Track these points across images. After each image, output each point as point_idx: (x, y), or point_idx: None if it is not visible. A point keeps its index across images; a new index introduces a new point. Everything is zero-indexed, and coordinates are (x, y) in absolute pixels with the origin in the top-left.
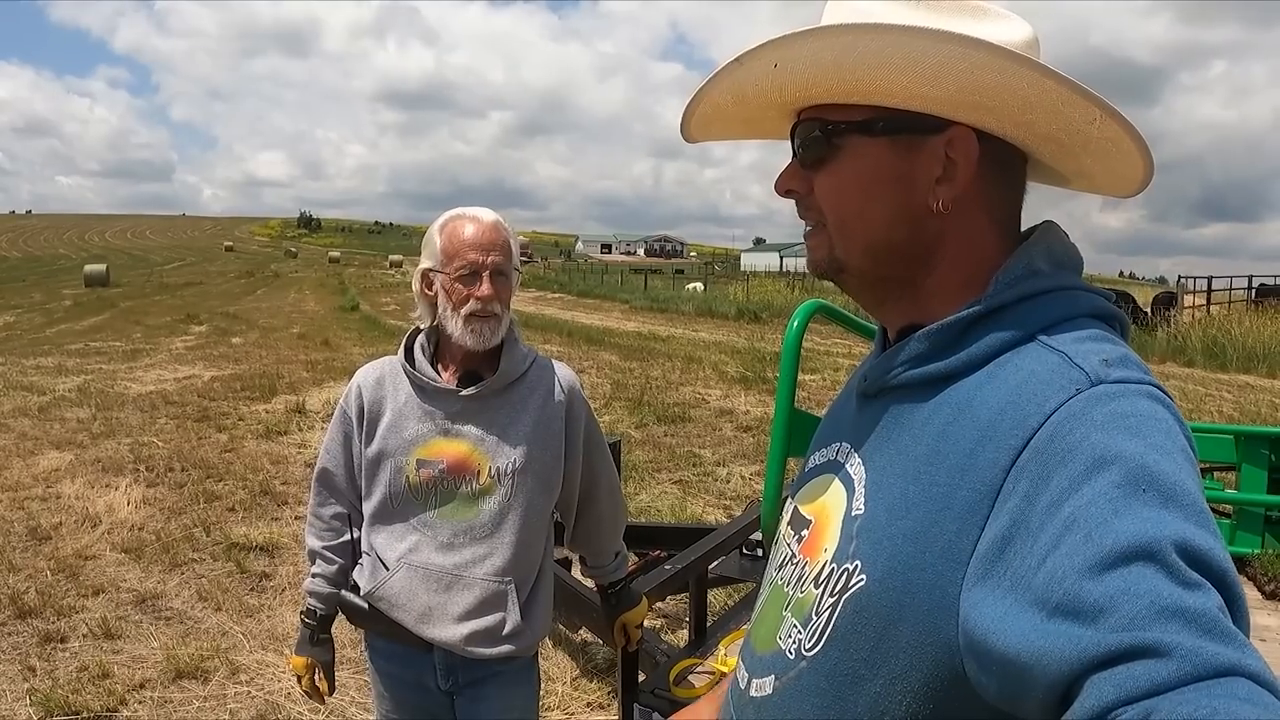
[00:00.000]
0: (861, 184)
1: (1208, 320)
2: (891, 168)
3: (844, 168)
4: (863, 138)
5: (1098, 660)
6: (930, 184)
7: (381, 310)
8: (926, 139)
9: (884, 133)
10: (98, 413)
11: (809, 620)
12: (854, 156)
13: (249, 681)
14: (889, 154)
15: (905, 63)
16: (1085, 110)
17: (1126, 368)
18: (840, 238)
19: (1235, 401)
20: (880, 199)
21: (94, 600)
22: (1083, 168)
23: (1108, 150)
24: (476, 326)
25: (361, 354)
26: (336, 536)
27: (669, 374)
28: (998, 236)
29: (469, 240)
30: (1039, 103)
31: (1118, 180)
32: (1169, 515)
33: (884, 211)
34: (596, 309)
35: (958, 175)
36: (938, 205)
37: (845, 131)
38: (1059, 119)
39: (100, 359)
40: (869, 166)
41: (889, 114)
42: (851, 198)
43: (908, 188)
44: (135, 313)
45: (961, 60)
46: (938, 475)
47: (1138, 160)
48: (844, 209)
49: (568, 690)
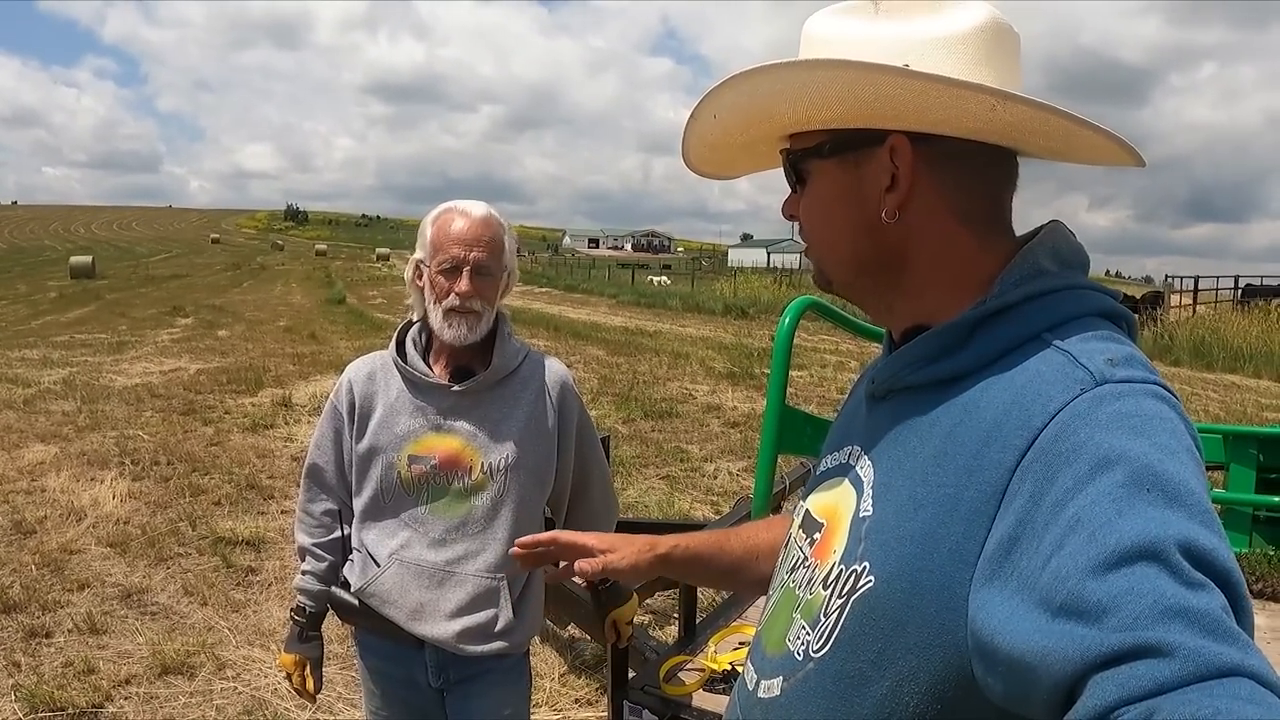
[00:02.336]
0: (824, 204)
1: (1195, 320)
2: (843, 185)
3: (811, 191)
4: (817, 161)
5: (1101, 660)
6: (880, 194)
7: (368, 304)
8: (872, 152)
9: (831, 153)
10: (83, 405)
11: (817, 622)
12: (816, 180)
13: (235, 677)
14: (840, 172)
15: (799, 93)
16: (979, 100)
17: (1132, 367)
18: (820, 256)
19: (1222, 401)
20: (840, 216)
21: (79, 595)
22: (1053, 147)
23: (1038, 128)
24: (454, 321)
25: (348, 347)
26: (326, 533)
27: (656, 369)
28: (972, 233)
29: (454, 235)
30: (934, 103)
31: (1101, 151)
32: (1173, 515)
33: (845, 228)
34: (583, 304)
35: (899, 182)
36: (888, 213)
37: (805, 157)
38: (965, 114)
39: (86, 351)
40: (827, 187)
41: (834, 135)
42: (818, 219)
43: (860, 202)
44: (121, 305)
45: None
46: (945, 476)
47: (1071, 127)
48: (816, 230)
49: (556, 686)
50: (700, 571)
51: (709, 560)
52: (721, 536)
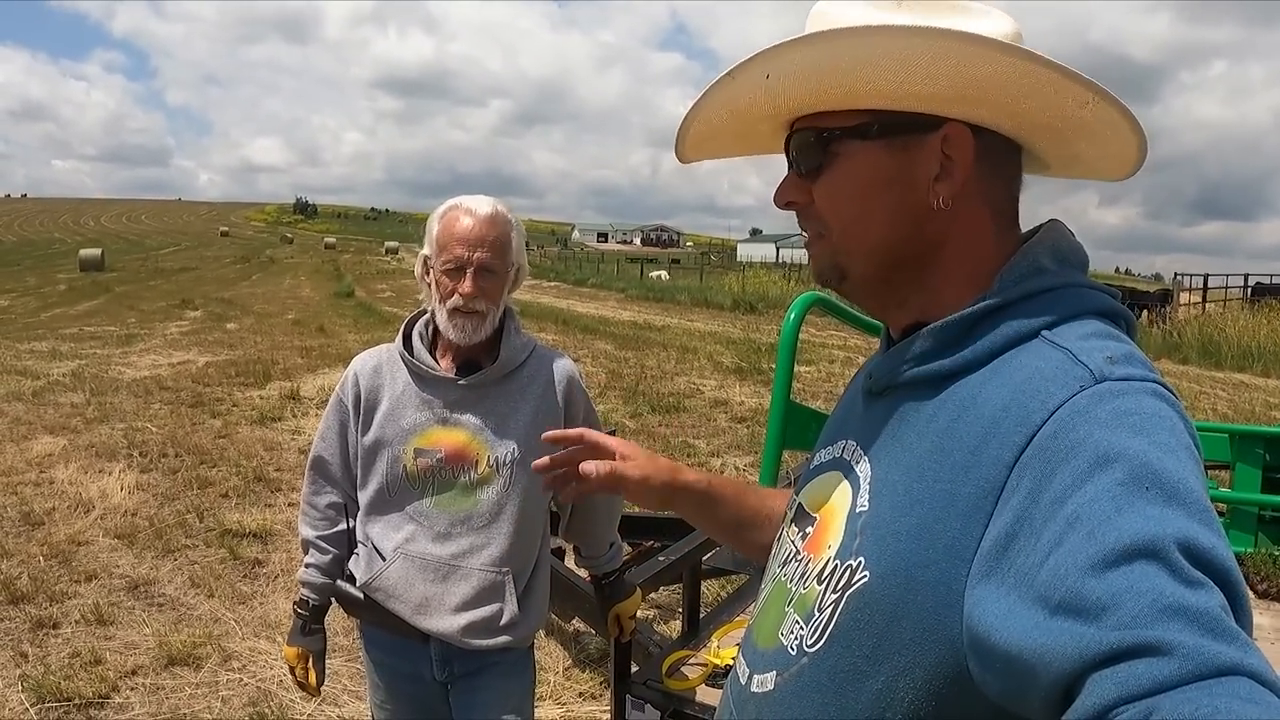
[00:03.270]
0: (861, 189)
1: (1204, 318)
2: (889, 170)
3: (842, 174)
4: (859, 142)
5: (1099, 658)
6: (929, 183)
7: (377, 297)
8: (922, 138)
9: (879, 135)
10: (92, 398)
11: (811, 616)
12: (851, 162)
13: (241, 669)
14: (885, 156)
15: (897, 63)
16: (1078, 94)
17: (1131, 365)
18: (843, 244)
19: (1230, 400)
20: (880, 202)
21: (86, 586)
22: (1077, 153)
23: (1102, 133)
24: (459, 322)
25: (356, 340)
26: (331, 526)
27: (664, 364)
28: (997, 230)
29: (459, 234)
30: (1032, 91)
31: (1111, 163)
32: (1172, 513)
33: (885, 214)
34: (592, 298)
35: (955, 172)
36: (938, 203)
37: (841, 138)
38: (1052, 105)
39: (95, 344)
40: (867, 170)
41: (883, 116)
42: (852, 203)
43: (907, 188)
44: (130, 297)
45: (952, 55)
46: (942, 472)
47: (1131, 139)
48: (845, 215)
49: (560, 680)
50: (709, 514)
51: (721, 505)
52: (742, 488)
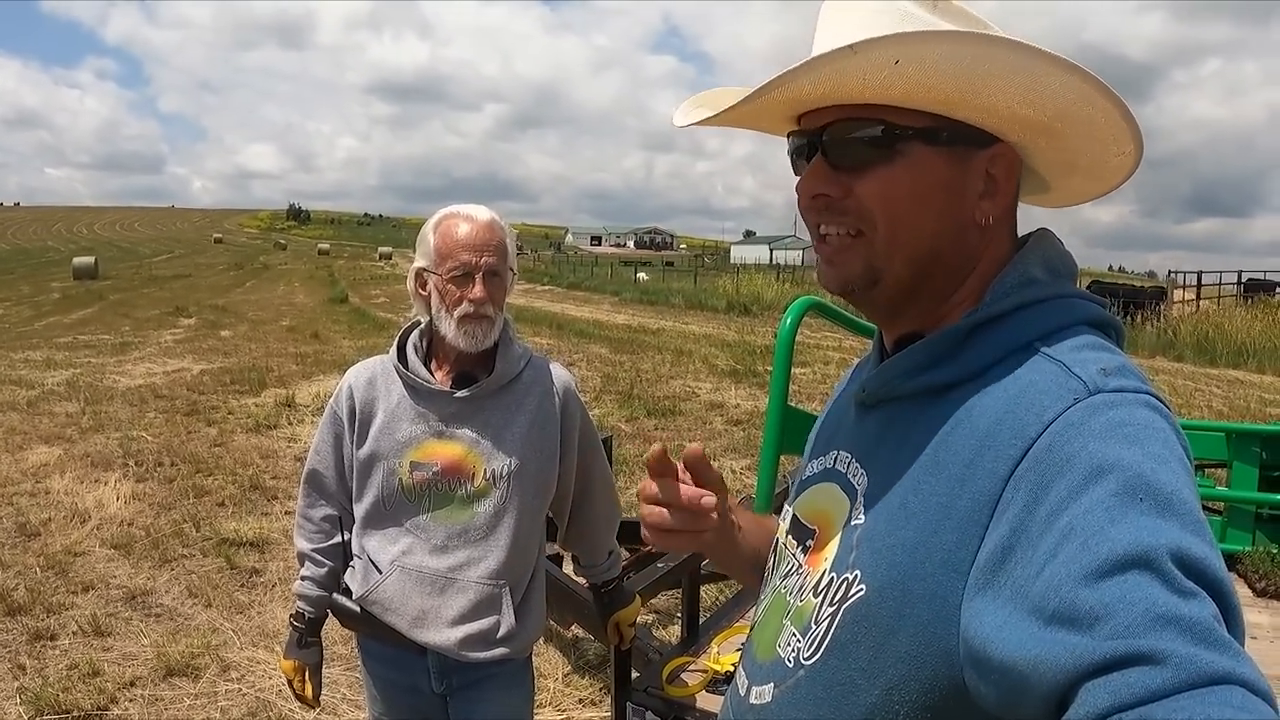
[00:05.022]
0: (918, 191)
1: (1198, 315)
2: (947, 178)
3: (900, 173)
4: (924, 145)
5: (1093, 667)
6: (975, 198)
7: (371, 303)
8: (976, 153)
9: (946, 143)
10: (86, 407)
11: (808, 629)
12: (913, 163)
13: (240, 679)
14: (945, 164)
15: (1018, 81)
16: (1123, 139)
17: (1124, 376)
18: (887, 246)
19: (1225, 396)
20: (933, 209)
21: (84, 597)
22: (1071, 186)
23: (1101, 179)
24: (470, 328)
25: (351, 347)
26: (326, 539)
27: (659, 367)
28: (1012, 247)
29: (462, 241)
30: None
31: (1084, 195)
32: (1165, 524)
33: (935, 222)
34: (586, 301)
35: (999, 191)
36: (985, 220)
37: (910, 137)
38: (1099, 149)
39: (89, 352)
40: (926, 175)
41: (951, 124)
42: (906, 204)
43: (958, 200)
44: (124, 305)
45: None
46: (937, 485)
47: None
48: (897, 215)
49: (559, 687)
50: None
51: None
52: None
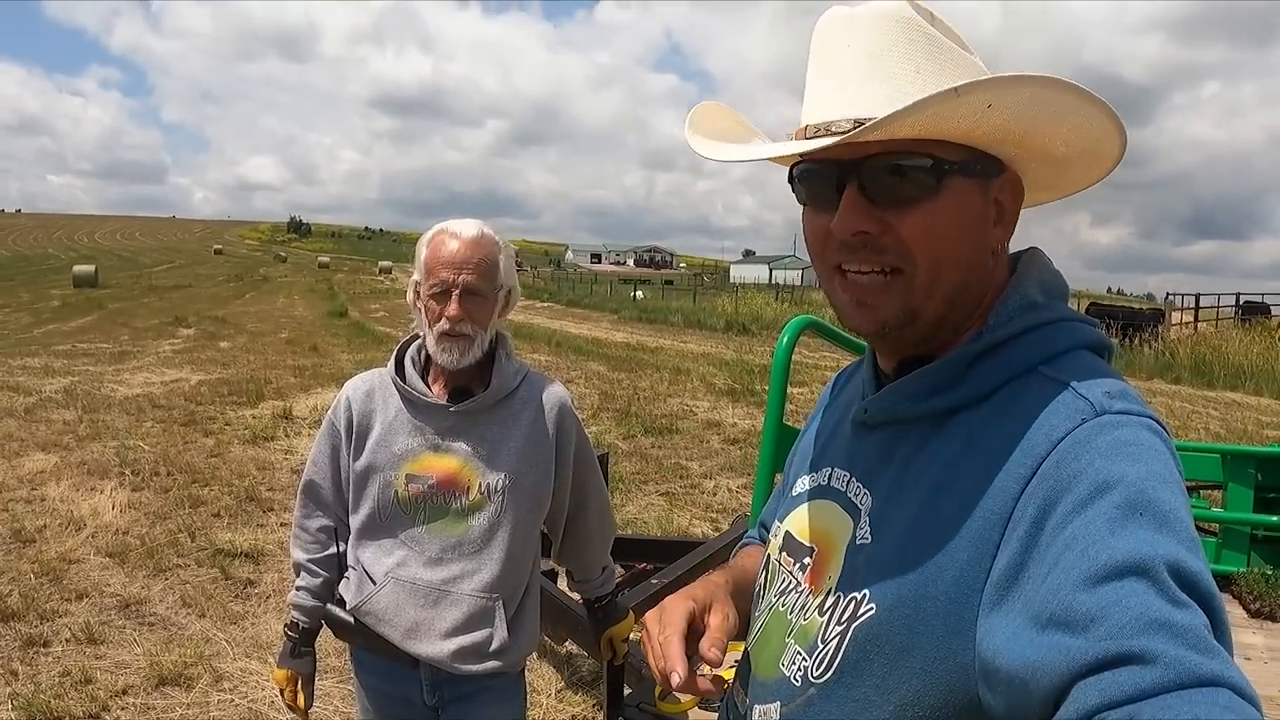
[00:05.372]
0: (959, 226)
1: (1196, 337)
2: (979, 210)
3: (945, 208)
4: (964, 179)
5: (1085, 667)
6: (990, 226)
7: (370, 316)
8: (991, 182)
9: (980, 174)
10: (84, 415)
11: (815, 648)
12: (954, 197)
13: (232, 689)
14: (977, 196)
15: (1072, 122)
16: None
17: (1128, 400)
18: (928, 283)
19: (1222, 419)
20: (969, 241)
21: (77, 605)
22: (1035, 198)
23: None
24: (446, 345)
25: (350, 360)
26: (322, 549)
27: (657, 385)
28: (1008, 270)
29: (444, 258)
30: (1102, 164)
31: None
32: (1163, 538)
33: (969, 254)
34: (585, 319)
35: (1006, 217)
36: (999, 247)
37: (956, 172)
38: (1088, 176)
39: (87, 360)
40: (965, 207)
41: (981, 156)
42: (949, 240)
43: (985, 230)
44: (123, 314)
45: (1102, 130)
46: (947, 505)
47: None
48: (940, 251)
49: (552, 702)
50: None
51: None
52: (736, 570)
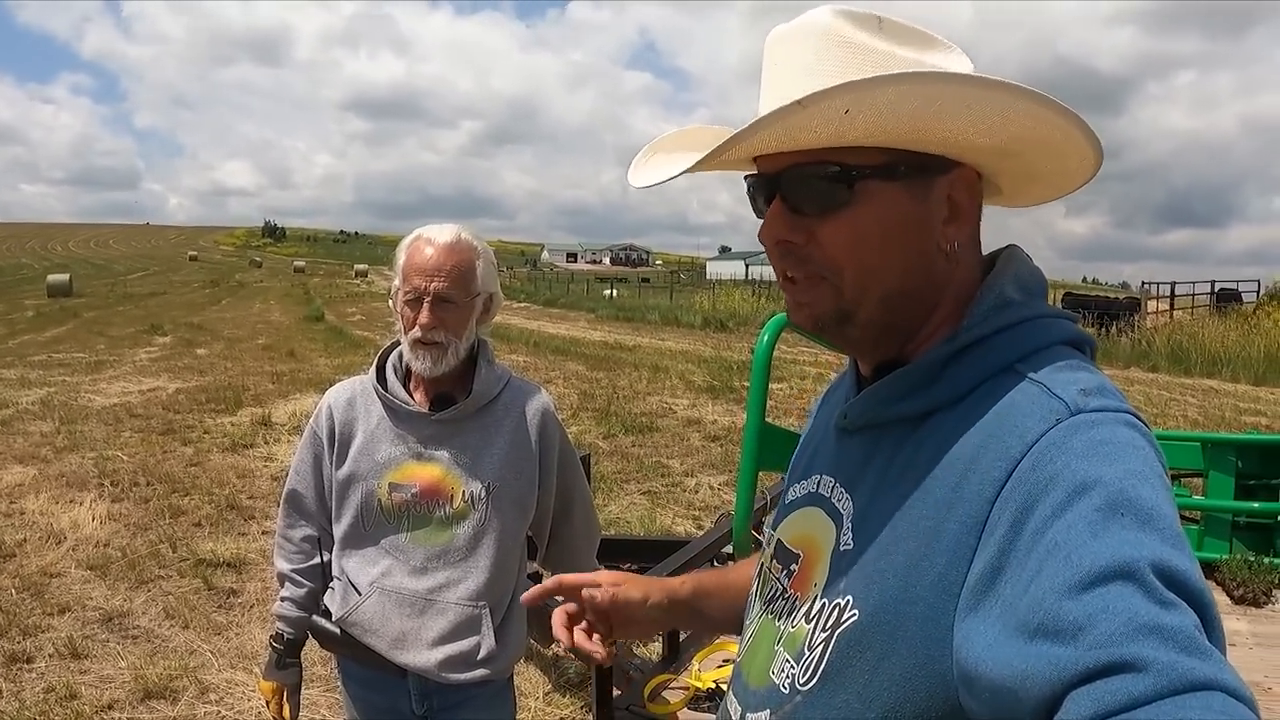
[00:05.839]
0: (883, 231)
1: (1172, 325)
2: (909, 212)
3: (863, 215)
4: (882, 182)
5: (1076, 677)
6: (939, 226)
7: (347, 320)
8: (935, 180)
9: (904, 176)
10: (61, 426)
11: (802, 655)
12: (873, 203)
13: (218, 701)
14: (905, 198)
15: (976, 114)
16: (1084, 153)
17: (1104, 396)
18: (857, 289)
19: (1200, 406)
20: (900, 245)
21: (60, 619)
22: (1031, 191)
23: (1063, 184)
24: (419, 353)
25: (327, 365)
26: (306, 559)
27: (636, 384)
28: (979, 267)
29: (417, 264)
30: (1060, 149)
31: (1045, 198)
32: (1146, 537)
33: (903, 258)
34: (562, 319)
35: (963, 214)
36: (951, 246)
37: (868, 176)
38: (1059, 161)
39: (63, 371)
40: (890, 212)
41: (907, 156)
42: (872, 246)
43: (923, 231)
44: (99, 323)
45: (1020, 111)
46: (925, 509)
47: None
48: (864, 258)
49: (540, 706)
50: (707, 608)
51: (716, 594)
52: (723, 572)
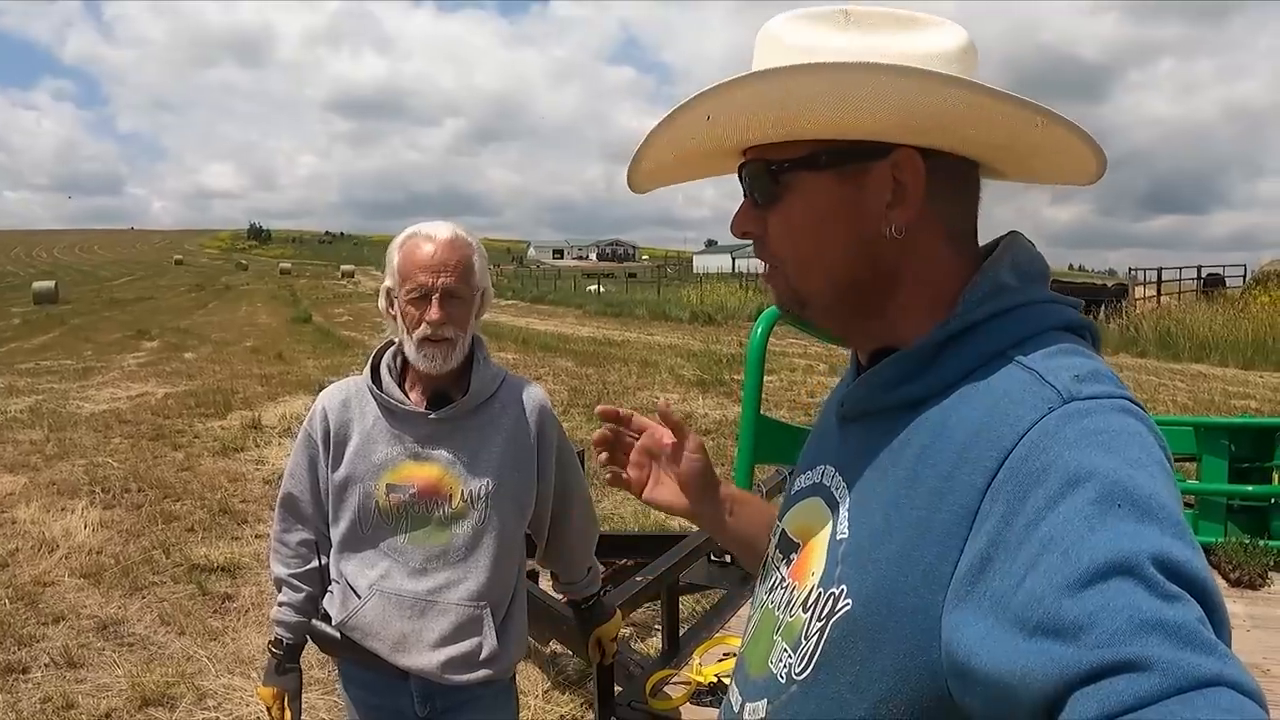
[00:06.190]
0: (813, 221)
1: (1160, 311)
2: (841, 200)
3: (794, 206)
4: (808, 173)
5: (1080, 677)
6: (882, 210)
7: (335, 321)
8: (872, 164)
9: (828, 166)
10: (51, 434)
11: (798, 644)
12: (802, 194)
13: (216, 707)
14: (837, 186)
15: (836, 100)
16: (1025, 117)
17: (1098, 382)
18: (799, 275)
19: (1189, 390)
20: (834, 233)
21: (54, 628)
22: (1033, 167)
23: (1057, 149)
24: (428, 351)
25: (316, 366)
26: (303, 563)
27: (625, 379)
28: (957, 250)
29: (420, 261)
30: (978, 119)
31: (1071, 173)
32: (1145, 529)
33: (840, 245)
34: (550, 315)
35: (908, 197)
36: (891, 230)
37: (790, 169)
38: (1001, 129)
39: (51, 378)
40: (819, 202)
41: (830, 145)
42: (805, 236)
43: (860, 217)
44: (86, 330)
45: (893, 90)
46: (917, 498)
47: (1087, 154)
48: (800, 248)
49: (540, 704)
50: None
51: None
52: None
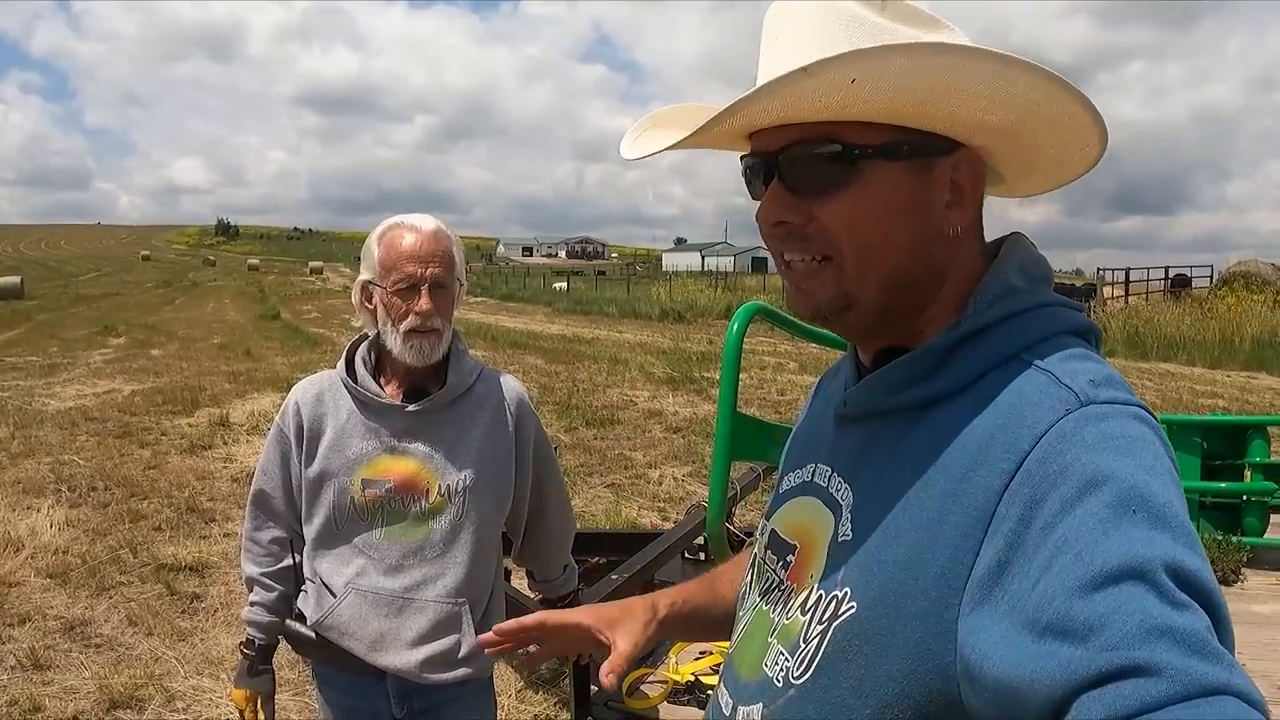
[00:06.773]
0: (885, 211)
1: (1127, 310)
2: (912, 193)
3: (865, 194)
4: (885, 162)
5: (1088, 680)
6: (942, 209)
7: (303, 318)
8: (937, 161)
9: (907, 156)
10: (15, 431)
11: (796, 648)
12: (875, 182)
13: (185, 709)
14: (908, 179)
15: (982, 88)
16: (1088, 136)
17: (1114, 388)
18: (858, 271)
19: (1158, 389)
20: (902, 227)
21: (20, 629)
22: (1030, 181)
23: (1063, 172)
24: (416, 342)
25: (284, 363)
26: (275, 562)
27: (595, 376)
28: (981, 253)
29: (406, 252)
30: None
31: (1071, 162)
32: (1159, 536)
33: (905, 240)
34: (520, 312)
35: (966, 199)
36: (954, 231)
37: (871, 155)
38: (1063, 147)
39: (16, 375)
40: (891, 192)
41: (912, 135)
42: (874, 227)
43: (925, 214)
44: (51, 326)
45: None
46: (928, 500)
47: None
48: (865, 239)
49: (513, 704)
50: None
51: (706, 609)
52: (709, 581)
